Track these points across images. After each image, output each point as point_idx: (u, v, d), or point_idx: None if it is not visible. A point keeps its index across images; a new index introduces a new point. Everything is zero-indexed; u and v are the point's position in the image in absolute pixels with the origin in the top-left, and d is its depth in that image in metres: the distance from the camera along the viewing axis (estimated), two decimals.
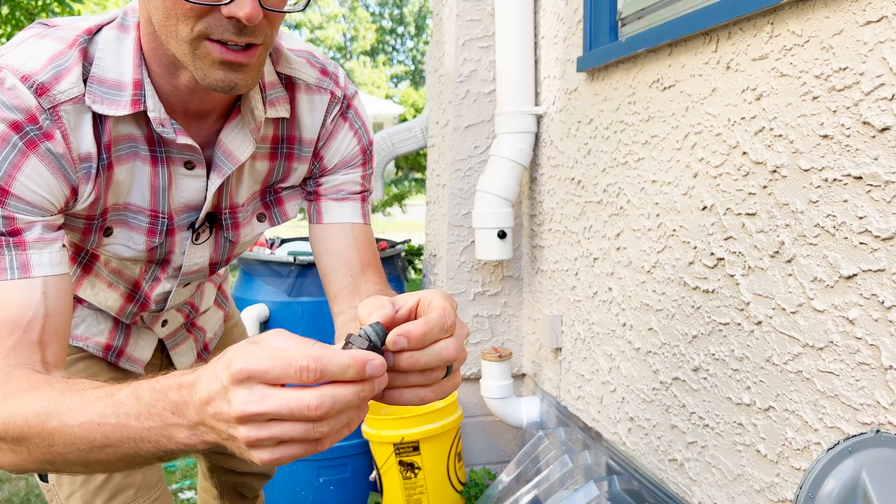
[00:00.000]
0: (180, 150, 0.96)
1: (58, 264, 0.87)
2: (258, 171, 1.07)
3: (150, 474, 1.24)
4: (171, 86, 0.91)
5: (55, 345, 0.86)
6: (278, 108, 1.02)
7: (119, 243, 1.01)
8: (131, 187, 0.97)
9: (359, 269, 1.08)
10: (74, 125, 0.87)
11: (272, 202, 1.13)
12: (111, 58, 0.89)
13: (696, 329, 1.51)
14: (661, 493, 1.68)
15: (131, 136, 0.93)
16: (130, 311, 1.20)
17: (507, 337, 2.57)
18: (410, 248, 5.32)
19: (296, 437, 0.58)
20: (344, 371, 0.58)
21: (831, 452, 0.94)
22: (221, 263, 1.17)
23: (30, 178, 0.84)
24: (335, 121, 1.09)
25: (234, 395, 0.58)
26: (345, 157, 1.10)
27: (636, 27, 1.82)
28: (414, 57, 33.78)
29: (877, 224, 1.05)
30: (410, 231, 9.12)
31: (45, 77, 0.84)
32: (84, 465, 0.74)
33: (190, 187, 1.00)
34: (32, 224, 0.85)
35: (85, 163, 0.89)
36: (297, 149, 1.08)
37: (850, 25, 1.08)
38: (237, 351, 0.59)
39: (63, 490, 1.19)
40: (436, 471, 2.28)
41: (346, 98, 1.09)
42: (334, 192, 1.10)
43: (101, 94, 0.88)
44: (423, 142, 6.07)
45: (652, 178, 1.66)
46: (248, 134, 0.99)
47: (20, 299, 0.83)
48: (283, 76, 1.03)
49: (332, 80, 1.08)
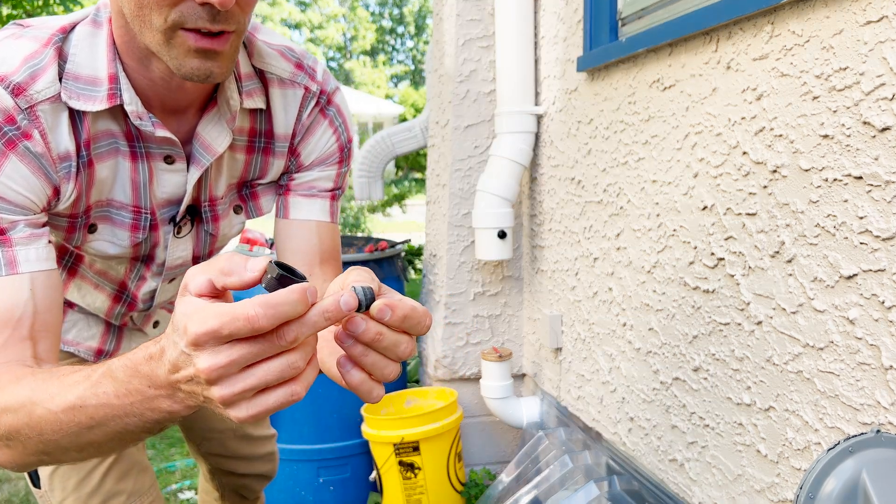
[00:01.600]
0: (159, 144, 0.96)
1: (45, 260, 0.87)
2: (236, 163, 1.07)
3: (142, 479, 1.24)
4: (145, 79, 0.91)
5: (46, 340, 0.86)
6: (255, 98, 1.01)
7: (104, 240, 1.01)
8: (114, 184, 0.97)
9: (317, 266, 1.08)
10: (52, 124, 0.87)
11: (248, 195, 1.13)
12: (85, 54, 0.89)
13: (696, 329, 1.51)
14: (661, 494, 1.68)
15: (110, 132, 0.93)
16: (119, 311, 1.20)
17: (507, 337, 2.57)
18: (410, 248, 5.32)
19: (269, 378, 0.58)
20: (294, 305, 0.57)
21: (831, 452, 0.94)
22: (204, 257, 1.17)
23: (10, 177, 0.84)
24: (313, 116, 1.07)
25: (198, 360, 0.58)
26: (322, 155, 1.09)
27: (636, 27, 1.82)
28: (414, 57, 33.78)
29: (877, 224, 1.05)
30: (410, 231, 9.12)
31: (20, 77, 0.84)
32: (78, 450, 0.75)
33: (171, 182, 1.00)
34: (16, 223, 0.85)
35: (65, 162, 0.89)
36: (273, 144, 1.07)
37: (851, 25, 1.08)
38: (185, 318, 0.58)
39: (55, 496, 1.19)
40: (436, 471, 2.28)
41: (325, 93, 1.08)
42: (305, 188, 1.09)
43: (77, 90, 0.88)
44: (423, 142, 6.07)
45: (652, 178, 1.65)
46: (224, 125, 0.99)
47: (8, 295, 0.83)
48: (257, 70, 1.03)
49: (308, 74, 1.06)
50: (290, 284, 0.59)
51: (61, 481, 1.18)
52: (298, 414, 2.43)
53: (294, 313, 0.57)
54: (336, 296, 0.59)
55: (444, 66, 2.62)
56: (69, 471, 1.19)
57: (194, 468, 2.87)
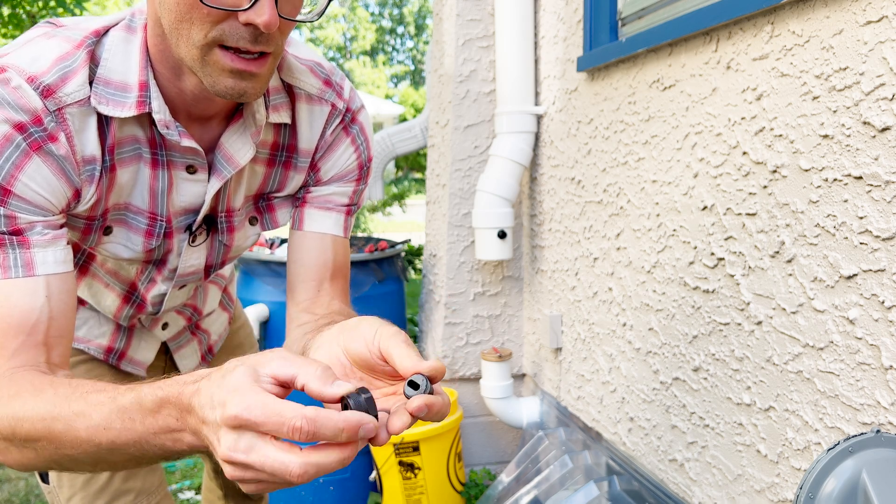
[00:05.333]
0: (182, 153, 0.96)
1: (62, 262, 0.87)
2: (256, 175, 1.07)
3: (150, 479, 1.24)
4: (176, 89, 0.91)
5: (60, 346, 0.86)
6: (281, 113, 1.01)
7: (118, 243, 1.01)
8: (133, 189, 0.97)
9: (327, 281, 1.08)
10: (79, 127, 0.87)
11: (264, 207, 1.12)
12: (118, 59, 0.89)
13: (696, 329, 1.51)
14: (661, 494, 1.68)
15: (135, 138, 0.93)
16: (127, 312, 1.20)
17: (507, 337, 2.57)
18: (410, 248, 5.32)
19: (277, 485, 0.61)
20: (337, 435, 0.58)
21: (831, 453, 0.94)
22: (216, 267, 1.16)
23: (32, 178, 0.84)
24: (336, 133, 1.07)
25: (224, 437, 0.59)
26: (341, 171, 1.09)
27: (636, 27, 1.82)
28: (414, 57, 33.78)
29: (877, 224, 1.05)
30: (410, 231, 9.12)
31: (51, 79, 0.84)
32: (92, 465, 0.75)
33: (190, 191, 1.00)
34: (34, 224, 0.85)
35: (88, 165, 0.89)
36: (295, 158, 1.07)
37: (851, 25, 1.08)
38: (233, 392, 0.59)
39: (64, 492, 1.19)
40: (436, 471, 2.28)
41: (350, 111, 1.08)
42: (321, 201, 1.09)
43: (107, 96, 0.88)
44: (423, 142, 6.07)
45: (652, 178, 1.65)
46: (248, 138, 0.99)
47: (25, 300, 0.83)
48: (286, 84, 1.03)
49: (336, 91, 1.06)
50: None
51: (70, 478, 1.18)
52: None
53: (333, 439, 0.59)
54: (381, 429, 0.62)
55: (444, 66, 2.62)
56: None
57: (194, 468, 2.87)
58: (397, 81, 33.46)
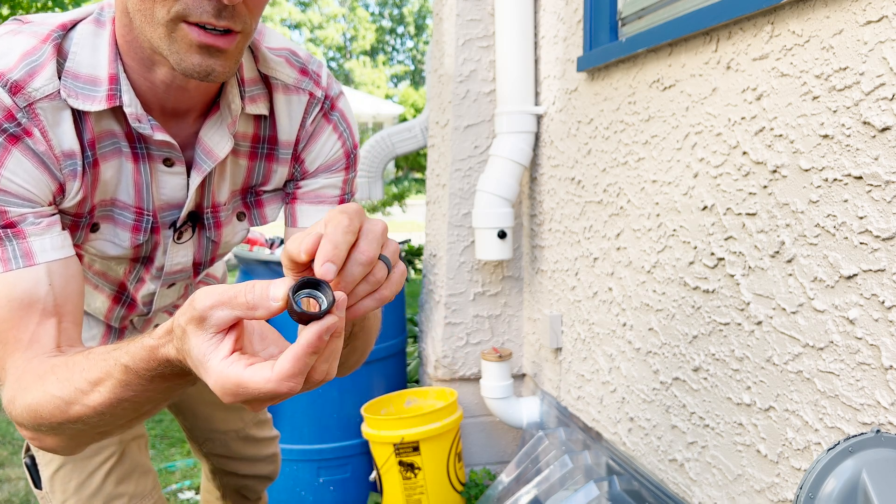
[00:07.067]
0: (158, 146, 0.95)
1: (60, 248, 0.87)
2: (239, 169, 1.06)
3: (143, 482, 1.24)
4: (147, 81, 0.90)
5: (70, 329, 0.87)
6: (259, 104, 1.00)
7: (105, 239, 1.01)
8: (118, 184, 0.97)
9: None
10: (53, 122, 0.87)
11: (252, 203, 1.12)
12: (86, 53, 0.89)
13: (696, 329, 1.51)
14: (661, 494, 1.68)
15: (112, 133, 0.93)
16: (118, 313, 1.19)
17: (507, 337, 2.57)
18: (410, 248, 5.32)
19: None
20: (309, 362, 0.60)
21: (831, 453, 0.94)
22: (205, 265, 1.16)
23: (14, 172, 0.84)
24: (317, 122, 1.06)
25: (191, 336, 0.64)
26: (327, 161, 1.08)
27: (636, 27, 1.82)
28: (414, 57, 33.78)
29: (877, 224, 1.05)
30: (410, 231, 9.11)
31: (18, 75, 0.83)
32: (127, 421, 0.80)
33: (170, 184, 1.00)
34: (25, 215, 0.85)
35: (69, 160, 0.89)
36: (277, 150, 1.06)
37: (851, 25, 1.08)
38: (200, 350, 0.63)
39: (56, 497, 1.18)
40: (436, 471, 2.28)
41: (329, 98, 1.06)
42: (312, 196, 1.08)
43: (77, 89, 0.87)
44: (423, 142, 6.07)
45: (652, 178, 1.65)
46: (226, 130, 0.98)
47: (27, 288, 0.83)
48: (262, 75, 1.02)
49: (313, 79, 1.05)
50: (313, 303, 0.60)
51: (62, 483, 1.18)
52: (298, 414, 2.43)
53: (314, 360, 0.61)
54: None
55: (444, 66, 2.62)
56: (70, 473, 1.19)
57: (194, 468, 2.87)
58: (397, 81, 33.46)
